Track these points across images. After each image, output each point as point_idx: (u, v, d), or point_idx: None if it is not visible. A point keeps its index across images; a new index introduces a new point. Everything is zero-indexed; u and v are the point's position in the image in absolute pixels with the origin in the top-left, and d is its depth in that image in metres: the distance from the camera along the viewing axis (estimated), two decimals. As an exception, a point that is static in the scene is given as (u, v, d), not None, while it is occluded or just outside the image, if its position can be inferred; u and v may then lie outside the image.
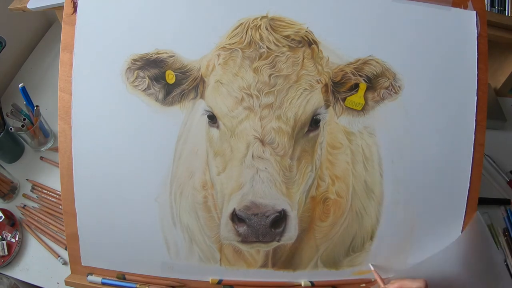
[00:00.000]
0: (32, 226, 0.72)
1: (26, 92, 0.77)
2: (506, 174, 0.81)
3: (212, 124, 0.53)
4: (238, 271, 0.56)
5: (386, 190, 0.54)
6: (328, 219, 0.55)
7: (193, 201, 0.54)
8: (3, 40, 0.86)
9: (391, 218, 0.55)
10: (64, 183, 0.54)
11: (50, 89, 0.92)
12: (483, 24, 0.54)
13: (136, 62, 0.52)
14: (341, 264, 0.56)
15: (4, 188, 0.75)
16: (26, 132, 0.76)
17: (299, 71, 0.51)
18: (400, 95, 0.53)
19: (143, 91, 0.52)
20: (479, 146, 0.55)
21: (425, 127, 0.54)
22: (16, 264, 0.69)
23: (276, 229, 0.51)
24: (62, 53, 0.52)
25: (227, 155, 0.52)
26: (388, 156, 0.54)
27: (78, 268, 0.58)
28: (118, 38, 0.52)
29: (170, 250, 0.55)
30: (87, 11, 0.52)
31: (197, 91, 0.53)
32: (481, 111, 0.54)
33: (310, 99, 0.52)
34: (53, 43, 1.03)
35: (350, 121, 0.53)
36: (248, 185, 0.51)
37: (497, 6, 0.80)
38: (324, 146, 0.53)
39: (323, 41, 0.52)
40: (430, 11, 0.53)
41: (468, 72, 0.54)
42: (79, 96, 0.53)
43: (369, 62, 0.52)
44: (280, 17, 0.51)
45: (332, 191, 0.54)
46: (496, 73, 0.95)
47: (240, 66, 0.51)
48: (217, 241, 0.54)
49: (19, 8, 0.78)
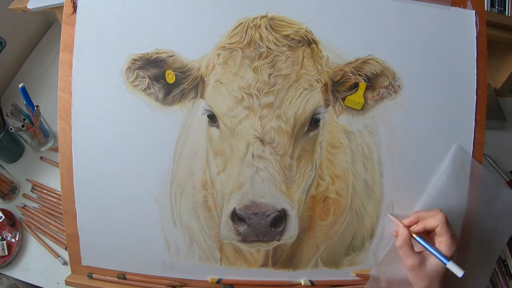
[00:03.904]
0: (32, 226, 0.73)
1: (26, 92, 0.77)
2: (506, 174, 0.81)
3: (212, 124, 0.53)
4: (238, 271, 0.56)
5: (386, 189, 0.54)
6: (328, 218, 0.55)
7: (193, 201, 0.54)
8: (3, 40, 0.86)
9: (390, 219, 0.55)
10: (64, 183, 0.55)
11: (50, 89, 0.92)
12: (482, 24, 0.54)
13: (136, 62, 0.52)
14: (341, 263, 0.56)
15: (4, 188, 0.75)
16: (26, 132, 0.76)
17: (298, 71, 0.51)
18: (399, 94, 0.53)
19: (143, 91, 0.52)
20: (478, 145, 0.55)
21: (425, 126, 0.54)
22: (16, 264, 0.69)
23: (276, 228, 0.51)
24: (62, 53, 0.52)
25: (227, 155, 0.52)
26: (388, 155, 0.54)
27: (78, 268, 0.58)
28: (118, 38, 0.52)
29: (170, 250, 0.55)
30: (87, 11, 0.52)
31: (197, 91, 0.53)
32: (481, 110, 0.54)
33: (310, 99, 0.52)
34: (53, 43, 1.03)
35: (350, 120, 0.53)
36: (248, 185, 0.51)
37: (497, 6, 0.81)
38: (324, 145, 0.53)
39: (323, 41, 0.52)
40: (429, 10, 0.53)
41: (467, 71, 0.54)
42: (79, 96, 0.53)
43: (369, 62, 0.52)
44: (280, 17, 0.51)
45: (332, 190, 0.54)
46: (496, 73, 0.95)
47: (240, 66, 0.51)
48: (217, 240, 0.54)
49: (19, 8, 0.78)
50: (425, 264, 0.48)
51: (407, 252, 0.49)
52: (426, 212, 0.50)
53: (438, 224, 0.47)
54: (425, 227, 0.49)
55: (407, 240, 0.49)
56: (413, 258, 0.48)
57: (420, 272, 0.48)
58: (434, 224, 0.48)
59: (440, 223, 0.47)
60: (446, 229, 0.47)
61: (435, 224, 0.48)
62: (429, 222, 0.48)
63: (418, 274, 0.48)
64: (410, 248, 0.49)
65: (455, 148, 0.54)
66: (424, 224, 0.49)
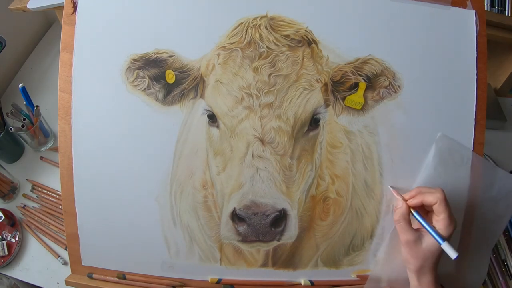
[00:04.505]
0: (32, 226, 0.73)
1: (26, 92, 0.77)
2: (506, 174, 0.81)
3: (212, 124, 0.53)
4: (238, 271, 0.56)
5: (386, 189, 0.54)
6: (328, 218, 0.55)
7: (193, 201, 0.54)
8: (3, 40, 0.86)
9: (391, 217, 0.55)
10: (64, 183, 0.55)
11: (50, 89, 0.92)
12: (482, 23, 0.54)
13: (136, 62, 0.52)
14: (341, 263, 0.56)
15: (4, 188, 0.75)
16: (26, 132, 0.76)
17: (298, 71, 0.51)
18: (399, 94, 0.53)
19: (143, 91, 0.52)
20: (478, 145, 0.55)
21: (425, 126, 0.54)
22: (16, 264, 0.69)
23: (276, 228, 0.51)
24: (62, 53, 0.53)
25: (227, 155, 0.52)
26: (388, 155, 0.54)
27: (78, 268, 0.58)
28: (118, 38, 0.52)
29: (170, 250, 0.55)
30: (87, 11, 0.52)
31: (197, 91, 0.53)
32: (481, 110, 0.54)
33: (310, 99, 0.52)
34: (53, 43, 1.03)
35: (350, 120, 0.53)
36: (248, 185, 0.51)
37: (497, 6, 0.81)
38: (324, 145, 0.53)
39: (323, 41, 0.52)
40: (429, 10, 0.53)
41: (467, 71, 0.54)
42: (79, 96, 0.53)
43: (369, 62, 0.52)
44: (280, 17, 0.51)
45: (332, 190, 0.54)
46: (496, 73, 0.95)
47: (240, 66, 0.51)
48: (217, 240, 0.54)
49: (19, 8, 0.78)
50: (421, 242, 0.47)
51: (404, 226, 0.48)
52: (427, 188, 0.49)
53: (436, 201, 0.46)
54: (423, 201, 0.48)
55: (405, 215, 0.49)
56: (409, 234, 0.48)
57: (415, 249, 0.48)
58: (432, 200, 0.47)
59: (439, 200, 0.46)
60: (444, 208, 0.46)
61: (433, 201, 0.47)
62: (427, 197, 0.47)
63: (413, 251, 0.48)
64: (407, 222, 0.48)
65: (439, 137, 0.53)
66: (422, 198, 0.48)
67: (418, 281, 0.49)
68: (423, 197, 0.48)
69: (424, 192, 0.49)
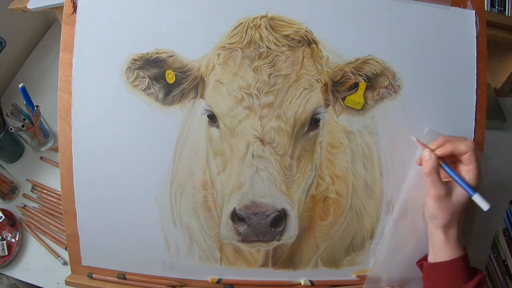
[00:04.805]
0: (32, 226, 0.73)
1: (26, 92, 0.77)
2: (506, 174, 0.81)
3: (212, 124, 0.53)
4: (238, 271, 0.56)
5: (386, 189, 0.54)
6: (328, 218, 0.55)
7: (193, 201, 0.54)
8: (3, 40, 0.86)
9: (391, 217, 0.55)
10: (64, 183, 0.55)
11: (50, 89, 0.92)
12: (482, 23, 0.54)
13: (136, 62, 0.52)
14: (341, 263, 0.56)
15: (4, 188, 0.75)
16: (26, 132, 0.76)
17: (298, 71, 0.51)
18: (399, 94, 0.53)
19: (143, 91, 0.52)
20: (478, 145, 0.55)
21: (425, 126, 0.54)
22: (16, 264, 0.69)
23: (276, 228, 0.51)
24: (62, 53, 0.52)
25: (227, 155, 0.52)
26: (387, 155, 0.54)
27: (78, 268, 0.58)
28: (118, 38, 0.52)
29: (170, 250, 0.55)
30: (87, 11, 0.52)
31: (197, 91, 0.53)
32: (481, 110, 0.54)
33: (310, 98, 0.52)
34: (53, 43, 1.03)
35: (350, 120, 0.53)
36: (248, 185, 0.51)
37: (497, 6, 0.81)
38: (324, 145, 0.53)
39: (323, 41, 0.52)
40: (429, 10, 0.53)
41: (467, 71, 0.54)
42: (79, 96, 0.53)
43: (369, 62, 0.52)
44: (280, 17, 0.51)
45: (332, 190, 0.54)
46: (496, 73, 0.95)
47: (240, 66, 0.51)
48: (217, 240, 0.54)
49: (19, 8, 0.78)
50: (451, 195, 0.45)
51: (435, 180, 0.45)
52: (454, 137, 0.46)
53: (468, 151, 0.44)
54: (454, 150, 0.45)
55: (436, 166, 0.45)
56: (440, 187, 0.45)
57: (445, 202, 0.45)
58: (464, 149, 0.44)
59: (470, 150, 0.43)
60: (475, 157, 0.44)
61: (465, 150, 0.44)
62: (459, 146, 0.44)
63: (443, 205, 0.45)
64: (438, 175, 0.45)
65: (427, 132, 0.52)
66: (453, 147, 0.45)
67: (446, 235, 0.46)
68: (454, 146, 0.45)
69: (454, 141, 0.45)
